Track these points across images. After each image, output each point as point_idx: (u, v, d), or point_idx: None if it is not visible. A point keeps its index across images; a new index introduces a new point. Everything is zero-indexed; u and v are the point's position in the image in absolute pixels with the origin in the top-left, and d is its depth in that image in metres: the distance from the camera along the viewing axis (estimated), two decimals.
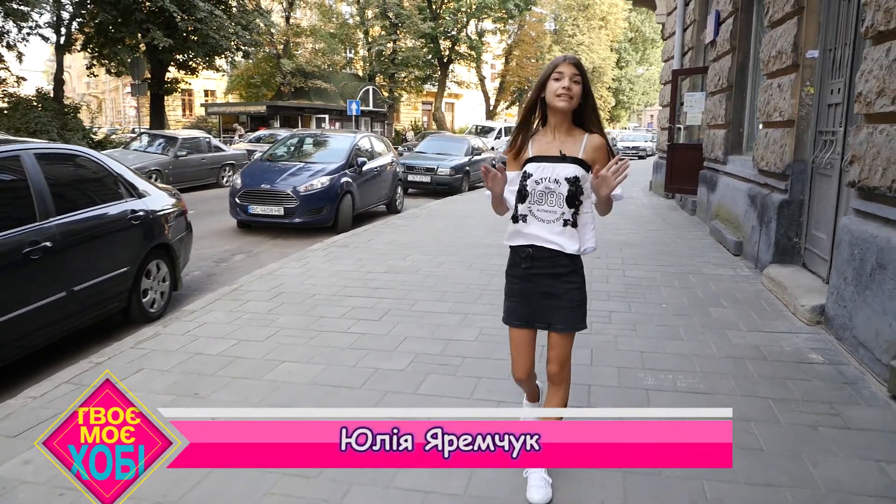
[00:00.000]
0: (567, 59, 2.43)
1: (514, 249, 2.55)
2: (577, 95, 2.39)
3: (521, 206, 2.45)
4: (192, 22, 17.25)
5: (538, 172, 2.41)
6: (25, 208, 4.04)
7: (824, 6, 5.55)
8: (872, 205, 4.08)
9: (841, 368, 3.90)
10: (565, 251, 2.43)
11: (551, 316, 2.49)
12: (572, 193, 2.39)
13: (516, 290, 2.55)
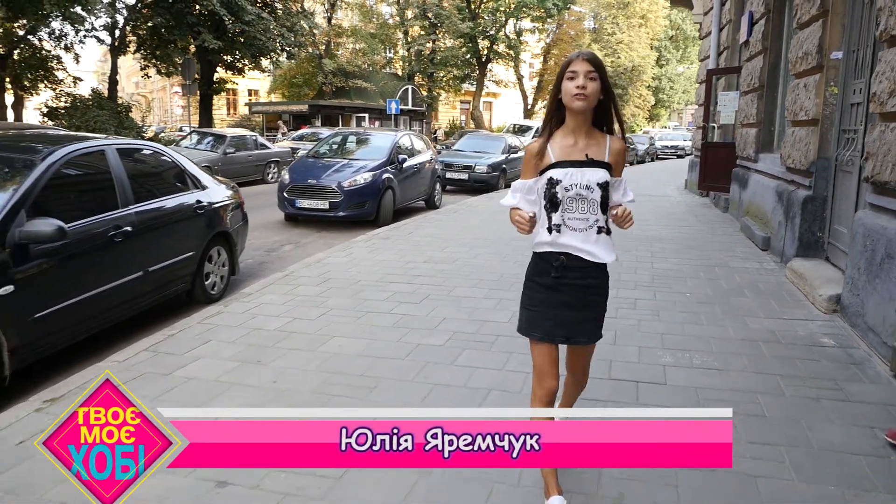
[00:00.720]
0: (581, 56, 2.28)
1: (542, 256, 2.41)
2: (593, 94, 2.26)
3: (554, 216, 2.32)
4: (239, 24, 17.96)
5: (567, 178, 2.29)
6: (109, 197, 4.57)
7: (848, 9, 5.76)
8: (884, 199, 4.34)
9: (850, 351, 4.18)
10: (600, 261, 2.35)
11: (575, 329, 2.40)
12: (604, 199, 2.31)
13: (540, 298, 2.41)
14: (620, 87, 51.21)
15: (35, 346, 3.83)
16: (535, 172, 2.37)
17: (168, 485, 2.65)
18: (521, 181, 2.42)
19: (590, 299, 2.40)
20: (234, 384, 3.71)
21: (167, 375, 3.83)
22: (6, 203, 3.75)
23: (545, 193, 2.33)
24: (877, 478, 2.69)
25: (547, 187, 2.32)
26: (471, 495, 2.60)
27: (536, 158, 2.37)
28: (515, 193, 2.43)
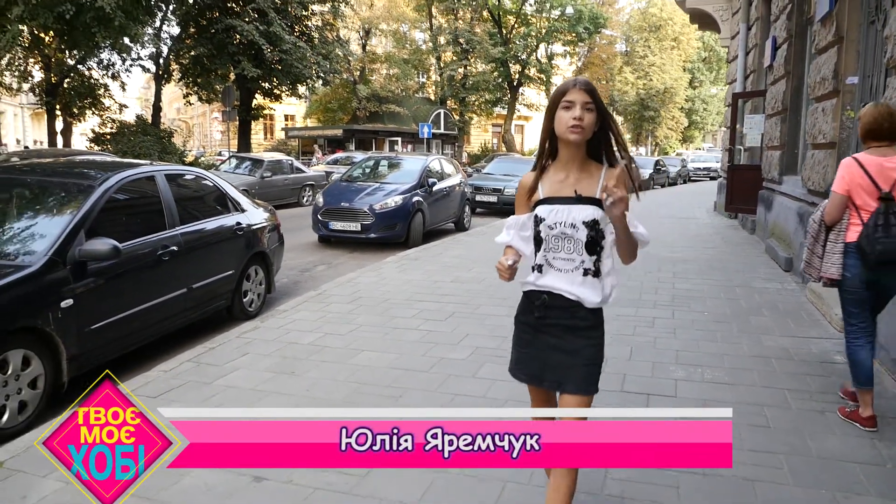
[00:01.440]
0: (577, 85, 2.12)
1: (527, 294, 2.28)
2: (590, 126, 2.11)
3: (538, 255, 2.20)
4: (277, 53, 18.67)
5: (551, 216, 2.14)
6: (158, 218, 4.95)
7: (863, 36, 5.92)
8: None
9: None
10: (585, 304, 2.17)
11: (563, 374, 2.21)
12: (592, 239, 2.13)
13: (527, 340, 2.28)
14: (653, 109, 51.23)
15: (90, 356, 4.18)
16: (527, 208, 2.24)
17: (207, 480, 2.92)
18: (515, 217, 2.29)
19: (578, 342, 2.19)
20: (270, 392, 4.00)
21: (208, 384, 4.14)
22: (67, 225, 4.13)
23: (533, 230, 2.20)
24: (870, 483, 2.84)
25: (534, 224, 2.19)
26: (485, 493, 2.83)
27: (528, 193, 2.24)
28: (509, 230, 2.29)
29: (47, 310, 3.83)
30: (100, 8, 12.93)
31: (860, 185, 3.32)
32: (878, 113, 3.38)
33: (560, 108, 2.12)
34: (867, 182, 3.30)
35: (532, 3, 40.15)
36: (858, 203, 3.34)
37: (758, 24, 11.85)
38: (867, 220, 3.29)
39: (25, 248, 3.99)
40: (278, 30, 18.23)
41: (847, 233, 3.39)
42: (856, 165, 3.34)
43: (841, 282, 3.44)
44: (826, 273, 3.48)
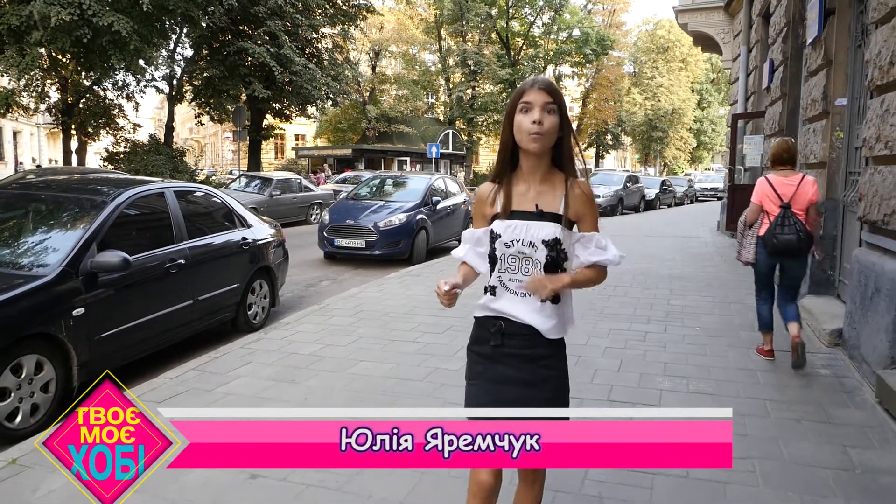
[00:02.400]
0: (536, 84, 1.91)
1: (480, 321, 2.07)
2: (551, 131, 1.89)
3: (492, 276, 2.02)
4: (288, 75, 19.08)
5: (508, 233, 1.94)
6: (166, 233, 5.17)
7: (851, 59, 6.10)
8: (875, 237, 4.62)
9: (843, 380, 4.42)
10: (544, 335, 1.98)
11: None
12: (552, 260, 1.92)
13: (480, 373, 2.05)
14: (661, 130, 51.55)
15: (99, 363, 4.36)
16: (484, 221, 2.04)
17: (206, 477, 3.09)
18: (471, 230, 2.11)
19: (540, 374, 1.99)
20: (270, 399, 4.17)
21: (210, 391, 4.32)
22: (80, 238, 4.35)
23: (489, 248, 2.01)
24: (837, 487, 2.97)
25: (490, 241, 1.99)
26: None
27: (485, 205, 2.03)
28: (465, 245, 2.12)
29: (60, 318, 4.03)
30: (116, 32, 13.33)
31: (768, 197, 4.61)
32: (780, 146, 4.77)
33: (518, 111, 1.90)
34: (773, 194, 4.58)
35: (540, 25, 40.76)
36: (767, 209, 4.63)
37: (757, 47, 12.06)
38: (772, 221, 4.56)
39: (40, 260, 4.21)
40: (289, 52, 18.65)
41: (759, 230, 4.69)
42: (766, 183, 4.65)
43: (754, 264, 4.82)
44: (745, 257, 4.88)
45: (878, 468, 3.14)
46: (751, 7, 12.42)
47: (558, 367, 2.04)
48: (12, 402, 3.76)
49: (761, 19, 11.54)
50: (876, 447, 3.37)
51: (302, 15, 19.52)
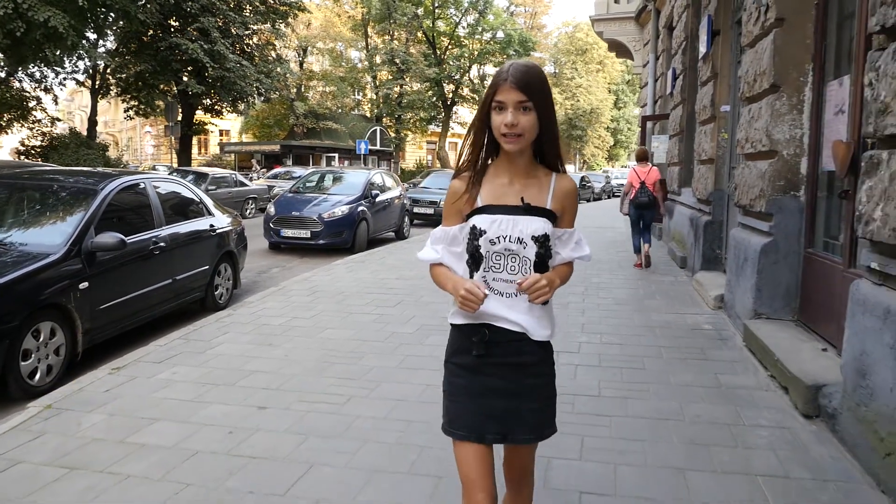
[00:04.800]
0: (509, 80, 1.75)
1: (460, 329, 1.90)
2: (529, 129, 1.76)
3: (475, 276, 1.84)
4: (220, 71, 19.29)
5: (494, 229, 1.80)
6: (148, 219, 5.76)
7: (733, 72, 7.31)
8: (745, 218, 5.76)
9: (721, 332, 5.54)
10: (531, 336, 1.84)
11: (511, 423, 1.86)
12: (541, 258, 1.80)
13: (462, 386, 1.88)
14: (580, 129, 53.85)
15: (99, 331, 4.97)
16: (459, 217, 1.89)
17: (223, 410, 3.82)
18: (443, 228, 1.93)
19: (527, 382, 1.86)
20: (255, 357, 4.88)
21: (201, 353, 4.98)
22: (80, 221, 4.93)
23: (468, 246, 1.85)
24: (706, 397, 4.00)
25: (469, 238, 1.84)
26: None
27: (461, 200, 1.86)
28: (437, 245, 1.93)
29: (69, 290, 4.62)
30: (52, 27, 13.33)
31: (634, 178, 9.02)
32: (640, 152, 9.49)
33: (492, 109, 1.78)
34: (636, 177, 9.01)
35: (465, 26, 41.88)
36: (634, 185, 9.00)
37: (664, 56, 13.42)
38: (636, 191, 8.86)
39: (47, 241, 4.76)
40: (222, 48, 18.88)
41: (630, 195, 9.02)
42: (633, 171, 9.19)
43: (628, 214, 9.05)
44: (623, 211, 9.19)
45: (736, 385, 4.20)
46: (657, 19, 13.79)
47: (546, 374, 1.91)
48: (33, 363, 4.34)
49: (666, 31, 12.88)
50: (738, 374, 4.44)
51: (234, 12, 19.76)
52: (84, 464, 3.15)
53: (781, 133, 4.94)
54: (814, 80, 4.78)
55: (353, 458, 3.21)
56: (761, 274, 5.02)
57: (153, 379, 4.38)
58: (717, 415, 3.72)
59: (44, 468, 3.11)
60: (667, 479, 2.96)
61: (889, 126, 2.86)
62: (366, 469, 3.08)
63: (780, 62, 4.88)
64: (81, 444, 3.39)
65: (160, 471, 3.07)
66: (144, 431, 3.53)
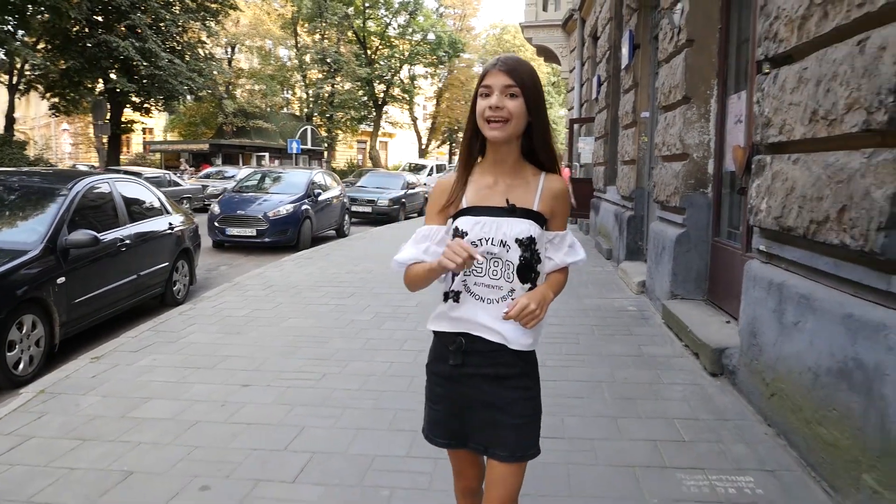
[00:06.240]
0: (498, 65, 1.70)
1: (438, 336, 1.86)
2: (515, 115, 1.69)
3: (455, 279, 1.78)
4: (151, 69, 19.06)
5: (476, 231, 1.73)
6: (113, 217, 6.03)
7: (651, 83, 8.13)
8: (662, 212, 6.55)
9: (644, 313, 6.30)
10: (510, 346, 1.75)
11: (490, 436, 1.80)
12: (526, 262, 1.73)
13: (439, 394, 1.85)
14: None
15: (73, 324, 5.24)
16: (442, 218, 1.83)
17: (208, 388, 4.22)
18: (427, 227, 1.85)
19: (507, 396, 1.78)
20: (227, 344, 5.27)
21: (174, 342, 5.32)
22: (54, 220, 5.19)
23: None
24: (630, 363, 4.69)
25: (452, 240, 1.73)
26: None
27: (446, 200, 1.81)
28: (419, 244, 1.83)
29: (48, 285, 4.89)
30: None
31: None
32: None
33: (479, 95, 1.73)
34: None
35: (395, 27, 42.32)
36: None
37: (589, 62, 14.34)
38: None
39: (24, 238, 5.01)
40: (153, 46, 18.65)
41: None
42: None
43: None
44: None
45: (656, 354, 4.92)
46: (583, 28, 14.70)
47: (528, 387, 1.82)
48: (17, 353, 4.61)
49: (591, 39, 13.79)
50: (658, 345, 5.17)
51: (164, 9, 19.52)
52: (94, 435, 3.52)
53: (692, 138, 5.71)
54: (718, 93, 5.57)
55: (337, 421, 3.71)
56: (676, 261, 5.78)
57: (135, 366, 4.72)
58: (640, 377, 4.41)
59: (57, 440, 3.47)
60: (603, 425, 3.60)
61: (771, 136, 3.58)
62: (351, 428, 3.59)
63: (691, 77, 5.65)
64: (85, 420, 3.74)
65: (168, 437, 3.48)
66: (142, 408, 3.91)
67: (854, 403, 2.62)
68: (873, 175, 2.53)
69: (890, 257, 2.43)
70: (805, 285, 3.17)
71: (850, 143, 2.74)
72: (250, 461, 3.21)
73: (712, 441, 3.39)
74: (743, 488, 2.89)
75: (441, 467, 3.08)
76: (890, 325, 2.40)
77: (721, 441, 3.38)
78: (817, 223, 2.97)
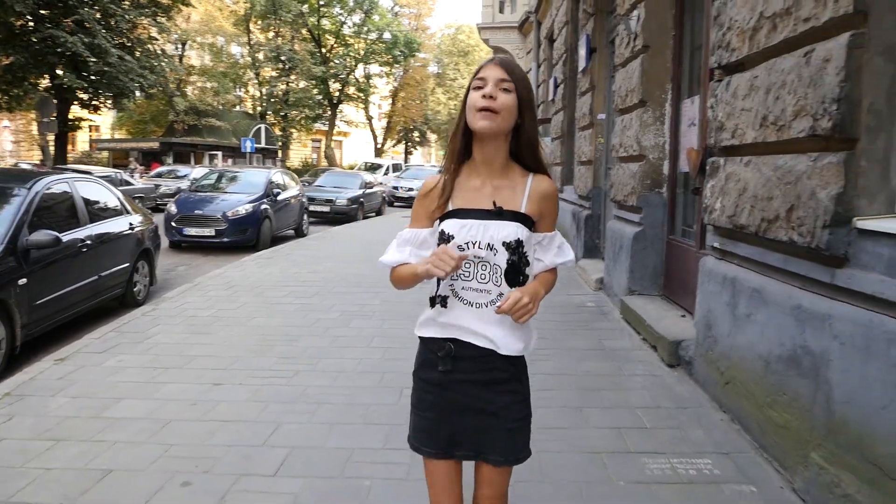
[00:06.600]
0: (493, 60, 1.74)
1: (426, 342, 1.82)
2: (506, 109, 1.67)
3: (442, 283, 1.75)
4: (101, 65, 18.55)
5: (462, 234, 1.71)
6: (74, 217, 5.94)
7: (608, 86, 8.39)
8: (619, 211, 6.79)
9: (603, 308, 6.53)
10: (500, 351, 1.74)
11: (482, 441, 1.79)
12: (514, 265, 1.70)
13: (430, 402, 1.81)
14: None
15: (35, 325, 5.16)
16: (428, 220, 1.81)
17: (181, 388, 4.24)
18: (411, 230, 1.84)
19: (499, 401, 1.77)
20: (196, 344, 5.27)
21: (140, 343, 5.29)
22: (13, 220, 5.10)
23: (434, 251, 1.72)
24: (591, 354, 4.90)
25: (438, 244, 1.75)
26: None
27: (432, 202, 1.79)
28: (403, 247, 1.84)
29: (10, 286, 4.81)
30: None
31: None
32: None
33: (472, 88, 1.72)
34: None
35: (350, 25, 42.12)
36: None
37: (545, 64, 14.62)
38: None
39: None
40: (103, 42, 18.16)
41: None
42: None
43: None
44: None
45: (616, 347, 5.14)
46: (539, 30, 14.98)
47: (519, 391, 1.82)
48: None
49: (548, 41, 14.06)
50: (617, 339, 5.39)
51: (114, 4, 19.02)
52: (68, 436, 3.51)
53: (648, 140, 5.95)
54: (672, 97, 5.82)
55: (312, 416, 3.78)
56: (633, 258, 6.02)
57: (102, 366, 4.69)
58: (603, 369, 4.61)
59: (30, 441, 3.45)
60: (570, 414, 3.77)
61: (724, 139, 3.80)
62: (326, 423, 3.67)
63: (647, 82, 5.89)
64: (57, 421, 3.72)
65: (144, 436, 3.50)
66: (113, 408, 3.91)
67: (803, 388, 2.84)
68: (819, 177, 2.75)
69: (834, 253, 2.65)
70: (757, 279, 3.39)
71: (797, 147, 2.96)
72: (229, 457, 3.26)
73: (672, 427, 3.59)
74: (702, 469, 3.09)
75: (418, 459, 3.17)
76: (835, 314, 2.62)
77: (680, 427, 3.59)
78: (768, 221, 3.19)
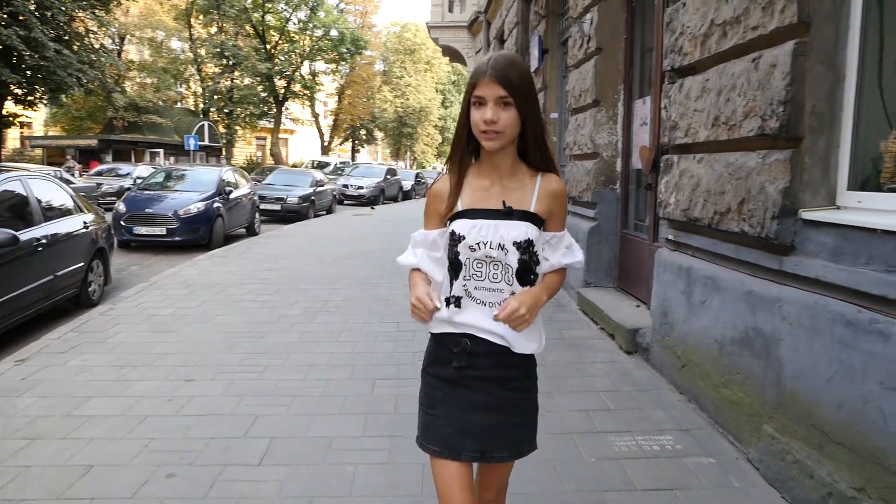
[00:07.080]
0: (489, 73, 1.66)
1: (439, 339, 1.81)
2: (509, 126, 1.67)
3: (455, 284, 1.76)
4: (38, 59, 17.89)
5: (473, 234, 1.72)
6: (28, 216, 5.81)
7: (560, 86, 8.66)
8: (574, 207, 7.05)
9: (560, 301, 6.76)
10: (514, 349, 1.76)
11: (491, 438, 1.79)
12: (525, 265, 1.71)
13: (439, 398, 1.81)
14: (410, 126, 55.59)
15: None
16: (440, 222, 1.83)
17: (155, 384, 4.24)
18: (423, 232, 1.87)
19: (510, 397, 1.80)
20: (161, 342, 5.24)
21: (103, 343, 5.24)
22: None
23: (448, 252, 1.79)
24: (553, 344, 5.10)
25: (449, 244, 1.78)
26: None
27: (442, 203, 1.81)
28: (416, 249, 1.88)
29: None
30: None
31: None
32: None
33: (472, 104, 1.71)
34: None
35: (296, 21, 41.60)
36: None
37: None
38: None
39: None
40: (39, 35, 17.51)
41: None
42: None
43: None
44: None
45: (576, 337, 5.37)
46: (489, 30, 15.22)
47: (528, 388, 1.86)
48: None
49: (497, 41, 14.30)
50: (576, 329, 5.63)
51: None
52: (41, 434, 3.50)
53: (602, 139, 6.21)
54: (624, 98, 6.09)
55: (289, 408, 3.86)
56: (589, 252, 6.27)
57: (67, 366, 4.64)
58: (565, 358, 4.82)
59: (2, 441, 3.42)
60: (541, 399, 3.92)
61: (678, 138, 4.05)
62: (304, 414, 3.75)
63: (600, 82, 6.15)
64: (28, 420, 3.69)
65: (121, 432, 3.51)
66: (85, 406, 3.89)
67: (755, 367, 3.10)
68: (767, 172, 3.00)
69: (782, 241, 2.90)
70: (710, 268, 3.65)
71: (747, 145, 3.22)
72: (211, 449, 3.32)
73: (634, 408, 3.82)
74: (665, 445, 3.32)
75: (397, 444, 3.33)
76: (783, 298, 2.87)
77: (642, 408, 3.82)
78: (720, 214, 3.45)
